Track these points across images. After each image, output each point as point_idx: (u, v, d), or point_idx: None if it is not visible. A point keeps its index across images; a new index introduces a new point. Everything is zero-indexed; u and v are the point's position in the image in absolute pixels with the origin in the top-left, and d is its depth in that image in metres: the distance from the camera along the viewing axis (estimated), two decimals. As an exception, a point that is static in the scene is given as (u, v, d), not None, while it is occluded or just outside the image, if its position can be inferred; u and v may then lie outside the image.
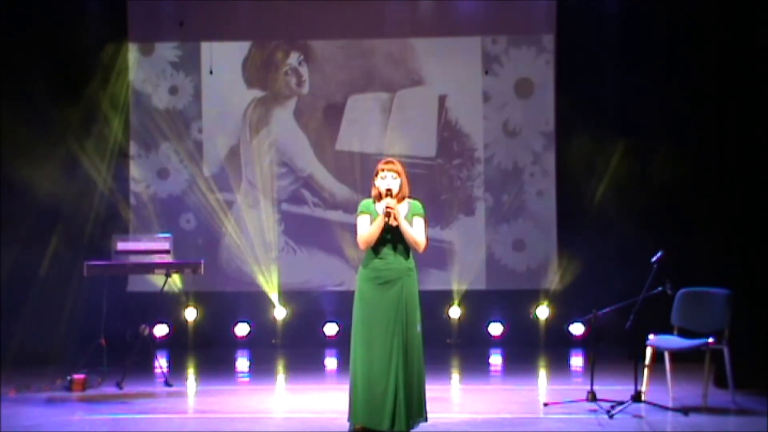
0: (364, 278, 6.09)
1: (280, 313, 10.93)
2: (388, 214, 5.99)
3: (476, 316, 10.83)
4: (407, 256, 6.10)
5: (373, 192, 6.18)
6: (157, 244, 8.68)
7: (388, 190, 6.05)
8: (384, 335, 5.94)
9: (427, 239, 6.21)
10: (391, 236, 6.06)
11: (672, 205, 9.85)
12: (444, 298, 10.74)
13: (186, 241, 10.77)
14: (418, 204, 6.18)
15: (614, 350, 8.97)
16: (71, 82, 10.59)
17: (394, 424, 5.86)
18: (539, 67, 10.85)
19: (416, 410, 5.97)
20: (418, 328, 6.04)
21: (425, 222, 6.18)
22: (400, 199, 6.12)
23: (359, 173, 10.80)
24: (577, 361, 9.99)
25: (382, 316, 5.97)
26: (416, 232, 6.08)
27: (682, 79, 9.84)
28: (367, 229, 6.07)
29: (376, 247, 6.07)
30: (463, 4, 10.91)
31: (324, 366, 10.01)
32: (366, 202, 6.20)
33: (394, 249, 6.07)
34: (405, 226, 6.04)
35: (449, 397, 7.98)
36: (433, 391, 6.33)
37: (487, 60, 10.86)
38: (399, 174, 6.12)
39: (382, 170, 6.13)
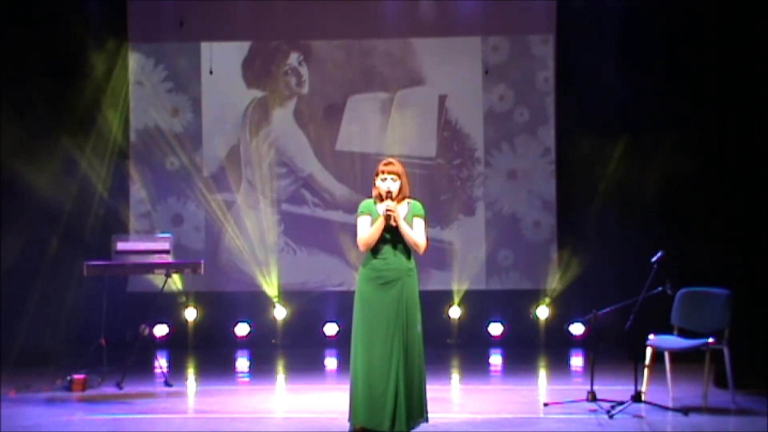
0: (365, 278, 6.08)
1: (280, 313, 10.92)
2: (388, 217, 5.98)
3: (476, 316, 10.82)
4: (408, 257, 6.09)
5: (374, 192, 6.17)
6: (157, 244, 8.68)
7: (388, 192, 6.04)
8: (384, 335, 5.93)
9: (428, 240, 6.21)
10: (392, 236, 6.05)
11: (672, 205, 9.84)
12: (444, 298, 10.73)
13: (186, 241, 10.80)
14: (418, 205, 6.18)
15: (614, 350, 8.99)
16: (71, 82, 10.58)
17: (394, 425, 5.85)
18: (539, 67, 10.84)
19: (417, 410, 5.97)
20: (419, 328, 6.04)
21: (425, 222, 6.18)
22: (401, 200, 6.11)
23: (359, 173, 10.79)
24: (577, 361, 9.98)
25: (383, 316, 5.97)
26: (416, 234, 6.06)
27: (682, 78, 9.83)
28: (367, 230, 6.07)
29: (377, 247, 6.06)
30: (463, 4, 10.89)
31: (324, 366, 10.01)
32: (367, 203, 6.19)
33: (395, 249, 6.06)
34: (405, 229, 6.03)
35: (449, 397, 7.98)
36: (433, 391, 6.32)
37: (488, 60, 10.86)
38: (399, 176, 6.10)
39: (383, 172, 6.10)
